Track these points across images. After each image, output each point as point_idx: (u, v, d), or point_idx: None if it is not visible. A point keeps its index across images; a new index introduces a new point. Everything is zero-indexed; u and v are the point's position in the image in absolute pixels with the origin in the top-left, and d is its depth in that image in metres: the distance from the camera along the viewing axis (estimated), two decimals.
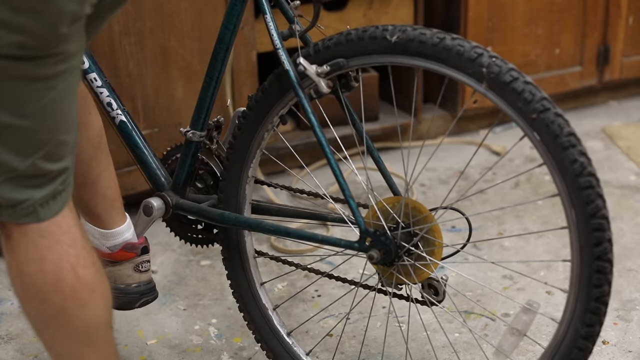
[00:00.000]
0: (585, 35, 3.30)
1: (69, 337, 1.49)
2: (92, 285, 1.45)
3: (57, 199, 1.41)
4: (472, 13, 3.07)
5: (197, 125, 1.87)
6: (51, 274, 1.42)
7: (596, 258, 1.52)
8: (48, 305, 1.45)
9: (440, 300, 1.79)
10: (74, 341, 1.50)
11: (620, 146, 3.19)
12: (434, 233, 1.71)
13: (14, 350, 2.17)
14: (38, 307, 1.46)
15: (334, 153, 1.71)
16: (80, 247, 1.44)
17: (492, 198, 2.84)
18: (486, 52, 1.54)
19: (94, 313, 1.48)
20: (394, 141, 3.20)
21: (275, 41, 1.70)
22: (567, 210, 1.52)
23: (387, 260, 1.71)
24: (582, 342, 1.58)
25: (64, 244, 1.42)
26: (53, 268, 1.41)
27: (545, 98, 1.50)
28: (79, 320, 1.47)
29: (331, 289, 2.38)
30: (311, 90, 1.69)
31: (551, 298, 2.31)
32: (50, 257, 1.41)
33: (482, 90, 1.53)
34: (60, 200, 1.42)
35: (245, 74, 2.77)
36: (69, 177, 1.44)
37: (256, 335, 1.96)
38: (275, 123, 1.77)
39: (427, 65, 1.59)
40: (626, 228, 2.64)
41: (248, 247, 1.90)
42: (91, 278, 1.45)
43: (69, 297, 1.43)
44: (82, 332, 1.48)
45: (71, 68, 1.35)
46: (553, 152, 1.50)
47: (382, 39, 1.60)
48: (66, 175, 1.42)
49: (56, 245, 1.42)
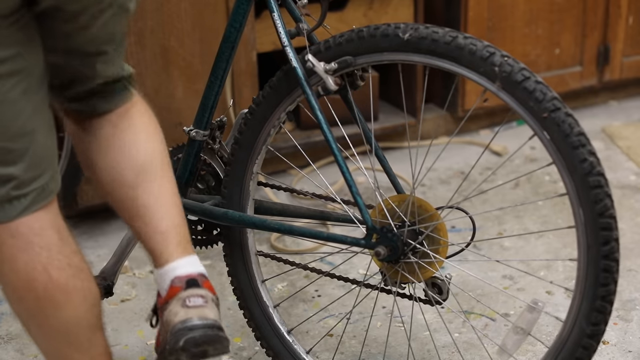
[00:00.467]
0: (585, 35, 3.30)
1: (49, 336, 1.51)
2: (66, 287, 1.46)
3: (13, 203, 1.42)
4: (472, 13, 3.08)
5: (201, 124, 1.87)
6: (23, 273, 1.44)
7: (603, 257, 1.52)
8: (24, 304, 1.47)
9: (444, 299, 1.79)
10: (54, 340, 1.51)
11: (620, 146, 3.20)
12: (439, 232, 1.71)
13: (14, 350, 2.17)
14: (16, 306, 1.49)
15: (341, 151, 1.72)
16: (55, 250, 1.46)
17: (492, 198, 2.84)
18: (498, 52, 1.55)
19: (71, 315, 1.48)
20: (394, 141, 3.20)
21: (282, 39, 1.71)
22: (575, 209, 1.52)
23: (394, 257, 1.72)
24: (587, 340, 1.58)
25: (35, 246, 1.44)
26: (24, 268, 1.44)
27: (556, 97, 1.51)
28: (55, 320, 1.48)
29: (331, 289, 2.37)
30: (319, 87, 1.70)
31: (551, 298, 2.31)
32: (21, 257, 1.43)
33: (493, 89, 1.54)
34: (20, 205, 1.43)
35: (246, 74, 2.77)
36: (29, 186, 1.44)
37: (256, 332, 1.96)
38: (282, 119, 1.77)
39: (439, 64, 1.59)
40: (626, 228, 2.65)
41: (250, 244, 1.90)
42: (65, 279, 1.46)
43: (42, 298, 1.45)
44: (61, 332, 1.50)
45: (3, 75, 1.36)
46: (563, 151, 1.50)
47: (394, 36, 1.60)
48: (17, 183, 1.42)
49: (27, 246, 1.44)
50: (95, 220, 2.75)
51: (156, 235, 1.59)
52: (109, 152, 1.59)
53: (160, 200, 1.61)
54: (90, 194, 2.62)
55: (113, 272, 1.98)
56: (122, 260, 1.99)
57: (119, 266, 1.99)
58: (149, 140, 1.64)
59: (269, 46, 2.84)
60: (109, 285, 1.97)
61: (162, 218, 1.59)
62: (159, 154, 1.64)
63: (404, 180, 2.85)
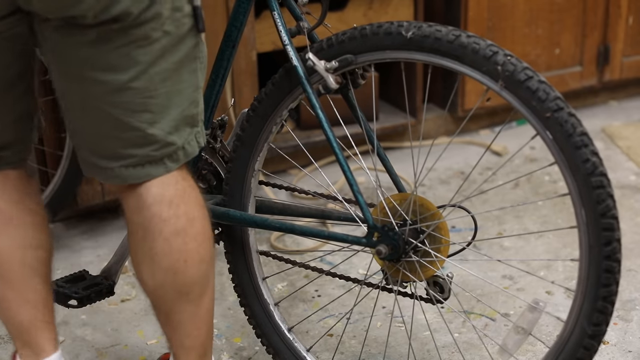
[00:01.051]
0: (585, 35, 3.30)
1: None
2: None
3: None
4: (472, 13, 3.08)
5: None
6: None
7: (605, 257, 1.52)
8: None
9: (445, 298, 1.79)
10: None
11: (620, 146, 3.20)
12: (440, 230, 1.71)
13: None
14: None
15: (344, 150, 1.72)
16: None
17: (492, 198, 2.84)
18: (501, 51, 1.55)
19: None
20: (394, 141, 3.20)
21: (283, 37, 1.71)
22: (577, 209, 1.52)
23: (395, 256, 1.72)
24: (589, 341, 1.58)
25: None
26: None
27: (559, 97, 1.51)
28: None
29: (331, 289, 2.37)
30: (320, 85, 1.70)
31: (551, 297, 2.31)
32: None
33: (496, 89, 1.53)
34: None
35: (246, 74, 2.76)
36: None
37: (257, 330, 1.95)
38: (284, 117, 1.77)
39: (442, 62, 1.59)
40: (626, 228, 2.65)
41: (251, 241, 1.90)
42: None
43: None
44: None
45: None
46: (565, 151, 1.50)
47: (397, 34, 1.60)
48: None
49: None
50: (95, 220, 2.75)
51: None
52: None
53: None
54: (90, 194, 2.62)
55: (114, 272, 1.98)
56: (122, 260, 1.98)
57: (120, 266, 1.98)
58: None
59: (268, 46, 2.84)
60: (110, 285, 1.97)
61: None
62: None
63: (404, 180, 2.85)
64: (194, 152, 1.52)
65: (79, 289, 1.92)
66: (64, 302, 1.92)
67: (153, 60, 1.40)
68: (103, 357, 2.13)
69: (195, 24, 1.44)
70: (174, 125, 1.46)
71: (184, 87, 1.46)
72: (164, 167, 1.48)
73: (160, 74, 1.41)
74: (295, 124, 3.05)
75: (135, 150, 1.46)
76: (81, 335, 2.21)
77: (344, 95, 1.79)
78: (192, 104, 1.48)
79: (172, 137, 1.47)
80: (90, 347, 2.17)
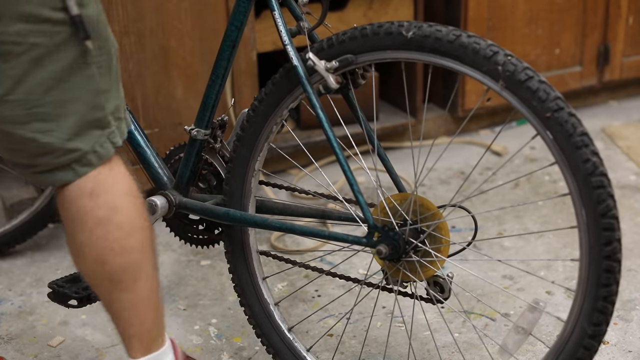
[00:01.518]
0: (585, 35, 3.30)
1: None
2: None
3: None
4: (472, 13, 3.08)
5: (202, 124, 1.87)
6: None
7: (605, 257, 1.52)
8: None
9: (446, 298, 1.79)
10: None
11: (620, 146, 3.20)
12: (441, 230, 1.71)
13: (14, 350, 2.16)
14: None
15: (344, 149, 1.72)
16: None
17: (492, 198, 2.84)
18: (501, 51, 1.55)
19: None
20: (394, 141, 3.20)
21: (283, 37, 1.71)
22: (578, 209, 1.52)
23: (395, 255, 1.71)
24: (589, 341, 1.58)
25: None
26: None
27: (559, 97, 1.51)
28: None
29: (331, 289, 2.37)
30: (320, 85, 1.70)
31: (551, 297, 2.31)
32: None
33: (497, 89, 1.53)
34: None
35: (246, 74, 2.76)
36: None
37: (257, 330, 1.95)
38: (284, 116, 1.77)
39: (442, 62, 1.59)
40: (626, 228, 2.65)
41: (251, 241, 1.90)
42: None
43: None
44: None
45: None
46: (566, 151, 1.50)
47: (397, 34, 1.60)
48: None
49: None
50: None
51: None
52: None
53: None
54: None
55: None
56: None
57: None
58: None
59: (269, 46, 2.84)
60: None
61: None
62: None
63: (405, 180, 2.85)
64: (108, 153, 1.52)
65: (79, 289, 1.92)
66: (64, 302, 1.91)
67: (25, 72, 1.40)
68: (103, 357, 2.13)
69: (75, 32, 1.42)
70: (74, 131, 1.46)
71: (79, 94, 1.45)
72: (72, 172, 1.49)
73: (42, 84, 1.41)
74: (295, 124, 3.05)
75: (38, 159, 1.48)
76: (81, 335, 2.21)
77: (344, 95, 1.79)
78: (94, 109, 1.48)
79: (73, 144, 1.47)
80: (90, 347, 2.17)
